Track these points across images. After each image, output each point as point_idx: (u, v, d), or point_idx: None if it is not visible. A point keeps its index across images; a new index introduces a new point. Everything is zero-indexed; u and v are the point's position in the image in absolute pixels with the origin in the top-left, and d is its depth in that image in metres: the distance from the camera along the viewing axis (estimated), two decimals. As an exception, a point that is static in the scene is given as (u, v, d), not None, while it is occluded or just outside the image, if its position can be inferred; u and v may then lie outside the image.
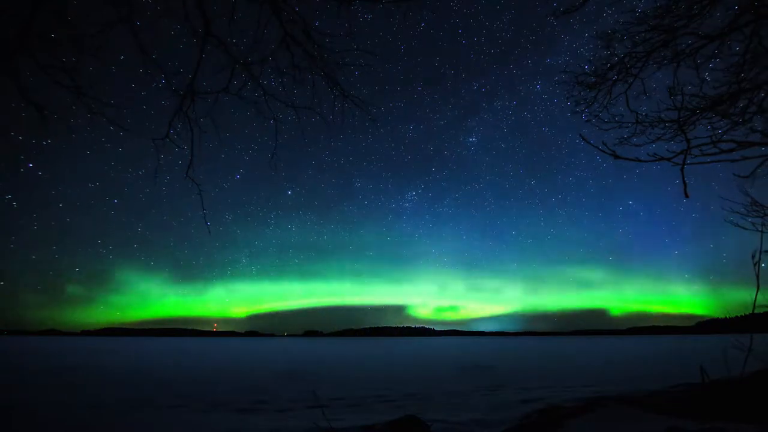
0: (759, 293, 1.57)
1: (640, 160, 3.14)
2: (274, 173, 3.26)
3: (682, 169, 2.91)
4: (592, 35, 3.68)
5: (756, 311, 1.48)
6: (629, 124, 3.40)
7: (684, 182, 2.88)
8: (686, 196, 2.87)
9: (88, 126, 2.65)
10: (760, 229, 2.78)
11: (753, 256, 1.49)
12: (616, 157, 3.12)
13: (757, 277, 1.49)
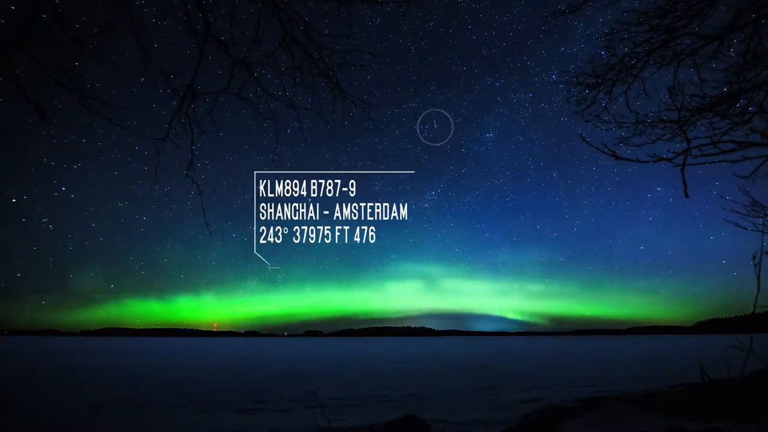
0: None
1: (640, 161, 3.14)
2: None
3: (682, 170, 2.91)
4: (605, 21, 3.66)
5: (756, 311, 1.49)
6: (629, 124, 3.40)
7: (684, 183, 2.88)
8: (686, 196, 2.87)
9: (93, 122, 2.65)
10: (760, 230, 2.78)
11: (754, 257, 1.49)
12: (617, 158, 3.12)
13: (758, 277, 1.49)
